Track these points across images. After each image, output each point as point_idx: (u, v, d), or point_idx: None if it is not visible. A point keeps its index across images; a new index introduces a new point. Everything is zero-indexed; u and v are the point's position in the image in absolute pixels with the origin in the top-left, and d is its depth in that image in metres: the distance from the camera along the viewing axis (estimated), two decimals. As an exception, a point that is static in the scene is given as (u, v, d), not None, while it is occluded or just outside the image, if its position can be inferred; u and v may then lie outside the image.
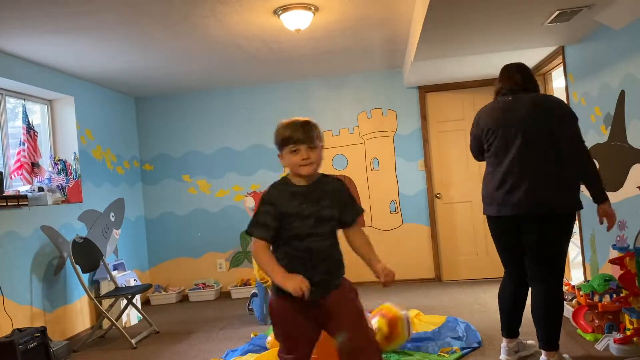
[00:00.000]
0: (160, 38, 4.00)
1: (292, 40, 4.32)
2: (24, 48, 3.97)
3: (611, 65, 3.63)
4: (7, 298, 3.80)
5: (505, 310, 3.04)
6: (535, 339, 2.99)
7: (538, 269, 2.84)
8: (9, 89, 4.33)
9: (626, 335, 3.07)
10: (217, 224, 6.02)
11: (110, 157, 5.49)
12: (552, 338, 2.83)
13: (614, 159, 3.70)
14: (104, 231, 5.21)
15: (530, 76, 2.98)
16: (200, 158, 6.08)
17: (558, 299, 2.85)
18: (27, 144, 4.41)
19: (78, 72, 4.77)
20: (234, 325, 4.54)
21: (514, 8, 3.27)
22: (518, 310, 3.02)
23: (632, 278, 3.09)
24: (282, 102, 5.95)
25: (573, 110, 2.90)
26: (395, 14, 3.89)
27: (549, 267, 2.83)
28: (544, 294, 2.83)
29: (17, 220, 4.01)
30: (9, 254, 3.91)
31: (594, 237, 4.19)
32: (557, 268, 2.84)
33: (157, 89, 5.77)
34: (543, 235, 2.80)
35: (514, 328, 3.04)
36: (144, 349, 4.08)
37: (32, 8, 3.23)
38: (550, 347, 2.83)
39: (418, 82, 5.63)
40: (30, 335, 3.50)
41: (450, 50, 4.27)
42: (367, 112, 5.84)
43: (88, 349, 4.19)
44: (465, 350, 3.32)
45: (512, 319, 3.02)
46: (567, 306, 3.84)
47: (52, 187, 4.57)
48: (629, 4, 3.17)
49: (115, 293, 4.45)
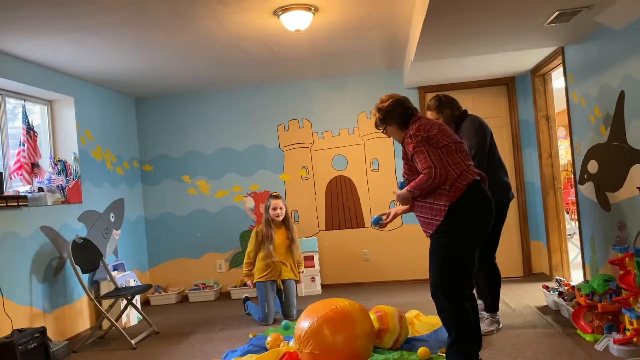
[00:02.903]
0: (160, 39, 4.00)
1: (292, 40, 4.32)
2: (24, 48, 3.97)
3: (611, 65, 3.63)
4: (6, 298, 3.80)
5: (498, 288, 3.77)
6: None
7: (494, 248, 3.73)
8: (8, 89, 4.33)
9: (626, 335, 3.07)
10: (216, 224, 6.02)
11: (110, 158, 5.49)
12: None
13: (614, 159, 3.70)
14: (104, 232, 5.21)
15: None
16: (200, 158, 6.08)
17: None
18: (27, 144, 4.41)
19: (78, 72, 4.78)
20: (233, 326, 4.54)
21: (513, 9, 3.27)
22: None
23: (632, 279, 3.09)
24: (282, 103, 5.96)
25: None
26: (395, 14, 3.89)
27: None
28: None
29: (16, 220, 4.01)
30: (9, 255, 3.91)
31: (593, 238, 4.20)
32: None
33: (157, 89, 5.77)
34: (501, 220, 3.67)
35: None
36: (144, 349, 4.08)
37: (32, 8, 3.23)
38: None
39: (418, 83, 5.64)
40: (30, 336, 3.51)
41: (450, 51, 4.27)
42: (367, 112, 5.84)
43: (88, 349, 4.18)
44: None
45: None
46: (567, 307, 3.85)
47: (52, 187, 4.57)
48: (628, 4, 3.18)
49: (115, 293, 4.45)
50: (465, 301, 2.77)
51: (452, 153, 2.79)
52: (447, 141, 2.80)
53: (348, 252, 5.88)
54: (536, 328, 3.74)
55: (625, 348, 3.02)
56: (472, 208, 2.75)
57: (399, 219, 5.77)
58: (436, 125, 2.87)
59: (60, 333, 4.39)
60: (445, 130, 2.87)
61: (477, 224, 2.80)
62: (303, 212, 5.94)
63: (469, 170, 2.78)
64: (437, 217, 2.74)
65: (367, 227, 5.85)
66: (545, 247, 5.49)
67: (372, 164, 5.87)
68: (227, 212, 6.03)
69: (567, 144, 5.80)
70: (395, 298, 5.05)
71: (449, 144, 2.80)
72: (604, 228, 3.96)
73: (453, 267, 2.76)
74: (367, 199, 5.86)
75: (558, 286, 4.33)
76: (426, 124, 2.86)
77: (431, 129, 2.81)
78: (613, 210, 3.78)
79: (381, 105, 3.02)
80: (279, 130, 5.98)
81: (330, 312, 3.08)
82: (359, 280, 5.86)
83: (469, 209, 2.74)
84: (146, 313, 4.75)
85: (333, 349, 3.02)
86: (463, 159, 2.81)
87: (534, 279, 5.45)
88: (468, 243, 2.78)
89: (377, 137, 5.78)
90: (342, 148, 5.90)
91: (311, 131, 5.93)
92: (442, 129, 2.86)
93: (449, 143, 2.80)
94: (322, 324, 3.05)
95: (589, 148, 4.11)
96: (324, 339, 3.03)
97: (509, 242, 5.68)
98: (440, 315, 2.83)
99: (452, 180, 2.72)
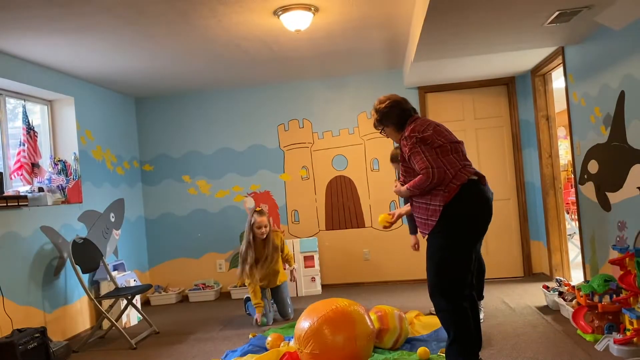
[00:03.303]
0: (160, 39, 4.00)
1: (292, 40, 4.32)
2: (24, 48, 3.97)
3: (611, 65, 3.63)
4: (7, 298, 3.80)
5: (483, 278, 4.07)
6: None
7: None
8: (9, 89, 4.33)
9: (626, 335, 3.07)
10: (217, 224, 6.03)
11: (110, 158, 5.49)
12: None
13: (614, 159, 3.70)
14: (104, 232, 5.21)
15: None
16: (200, 158, 6.08)
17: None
18: (27, 144, 4.42)
19: (78, 72, 4.78)
20: (233, 326, 4.54)
21: (513, 9, 3.27)
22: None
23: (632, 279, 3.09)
24: (282, 103, 5.96)
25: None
26: (395, 14, 3.89)
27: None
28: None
29: (17, 220, 4.01)
30: (9, 255, 3.91)
31: (593, 238, 4.20)
32: None
33: (157, 89, 5.77)
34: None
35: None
36: (144, 349, 4.08)
37: (32, 8, 3.23)
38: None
39: (418, 83, 5.64)
40: (30, 336, 3.50)
41: (450, 51, 4.27)
42: (367, 112, 5.83)
43: (88, 349, 4.18)
44: None
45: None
46: (567, 307, 3.85)
47: (52, 187, 4.57)
48: (628, 4, 3.18)
49: (115, 293, 4.45)
50: (464, 301, 2.77)
51: (447, 153, 2.79)
52: (442, 141, 2.80)
53: (348, 252, 5.88)
54: (536, 328, 3.74)
55: (625, 348, 3.02)
56: (466, 208, 2.74)
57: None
58: (431, 126, 2.86)
59: (61, 333, 4.39)
60: (440, 130, 2.87)
61: (471, 224, 2.79)
62: (303, 212, 5.94)
63: (464, 170, 2.78)
64: (433, 217, 2.75)
65: (367, 227, 5.85)
66: (545, 247, 5.49)
67: (372, 164, 5.87)
68: (227, 212, 6.03)
69: (567, 144, 5.80)
70: (395, 298, 5.05)
71: (444, 144, 2.79)
72: (604, 228, 3.96)
73: (450, 267, 2.75)
74: (367, 199, 5.86)
75: (558, 286, 4.33)
76: (421, 125, 2.86)
77: (426, 130, 2.81)
78: (613, 210, 3.78)
79: (379, 107, 3.02)
80: (279, 130, 5.98)
81: (330, 312, 3.08)
82: (359, 280, 5.86)
83: (463, 209, 2.73)
84: (146, 313, 4.75)
85: (333, 349, 3.02)
86: (459, 159, 2.81)
87: (534, 279, 5.45)
88: (464, 243, 2.77)
89: (377, 137, 5.78)
90: (342, 148, 5.90)
91: (311, 131, 5.93)
92: (437, 129, 2.86)
93: (444, 143, 2.80)
94: (322, 324, 3.05)
95: (589, 148, 4.11)
96: (324, 339, 3.03)
97: (509, 242, 5.69)
98: (439, 315, 2.83)
99: (447, 181, 2.73)
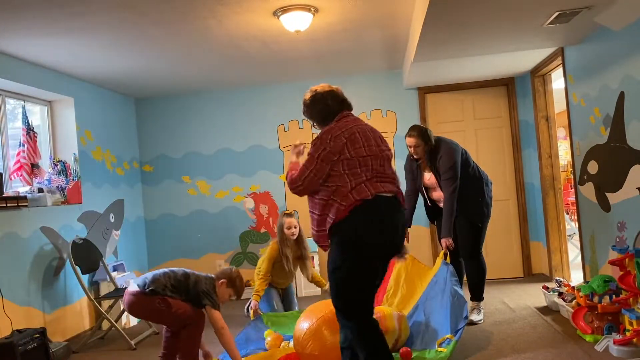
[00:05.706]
0: (160, 39, 4.00)
1: (292, 41, 4.32)
2: (23, 49, 3.97)
3: (611, 66, 3.63)
4: (6, 299, 3.79)
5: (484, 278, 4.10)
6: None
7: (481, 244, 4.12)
8: (8, 90, 4.33)
9: (626, 336, 3.07)
10: (216, 225, 6.02)
11: (110, 158, 5.49)
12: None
13: (614, 160, 3.70)
14: (104, 232, 5.21)
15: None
16: (200, 159, 6.08)
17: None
18: (26, 145, 4.41)
19: (78, 73, 4.78)
20: (233, 326, 4.53)
21: (513, 9, 3.27)
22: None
23: (632, 279, 3.09)
24: (282, 103, 5.95)
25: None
26: (394, 14, 3.89)
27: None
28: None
29: (16, 221, 4.01)
30: (9, 255, 3.91)
31: (593, 238, 4.20)
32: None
33: (157, 89, 5.77)
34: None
35: None
36: (144, 350, 4.08)
37: (32, 9, 3.23)
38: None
39: (418, 83, 5.64)
40: (29, 337, 3.50)
41: (450, 52, 4.27)
42: (366, 113, 5.83)
43: (88, 350, 4.18)
44: (458, 331, 3.17)
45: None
46: (566, 307, 3.85)
47: (51, 188, 4.57)
48: (628, 5, 3.18)
49: (114, 294, 4.45)
50: (370, 316, 2.48)
51: (354, 166, 2.46)
52: (352, 154, 2.47)
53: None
54: (536, 328, 3.74)
55: (625, 349, 3.02)
56: (361, 233, 2.40)
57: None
58: (346, 134, 2.50)
59: (60, 334, 4.39)
60: (355, 139, 2.50)
61: (367, 250, 2.42)
62: (303, 213, 5.94)
63: (369, 184, 2.45)
64: (322, 228, 2.47)
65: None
66: (545, 248, 5.49)
67: (372, 164, 5.87)
68: (227, 212, 6.02)
69: (567, 145, 5.80)
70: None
71: (352, 158, 2.46)
72: (604, 228, 3.96)
73: (348, 289, 2.43)
74: (367, 200, 5.85)
75: (558, 287, 4.33)
76: (336, 131, 2.52)
77: (336, 139, 2.48)
78: (613, 210, 3.78)
79: (304, 98, 2.75)
80: (279, 131, 5.98)
81: (329, 312, 3.07)
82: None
83: (356, 233, 2.40)
84: (146, 313, 4.75)
85: (332, 349, 3.02)
86: (366, 172, 2.47)
87: (533, 279, 5.44)
88: (361, 266, 2.41)
89: (377, 138, 5.78)
90: (342, 148, 5.89)
91: (311, 132, 5.93)
92: (353, 138, 2.50)
93: (352, 157, 2.47)
94: (321, 325, 3.05)
95: (589, 149, 4.11)
96: (323, 339, 3.03)
97: (509, 242, 5.69)
98: (344, 334, 2.53)
99: (344, 192, 2.42)
